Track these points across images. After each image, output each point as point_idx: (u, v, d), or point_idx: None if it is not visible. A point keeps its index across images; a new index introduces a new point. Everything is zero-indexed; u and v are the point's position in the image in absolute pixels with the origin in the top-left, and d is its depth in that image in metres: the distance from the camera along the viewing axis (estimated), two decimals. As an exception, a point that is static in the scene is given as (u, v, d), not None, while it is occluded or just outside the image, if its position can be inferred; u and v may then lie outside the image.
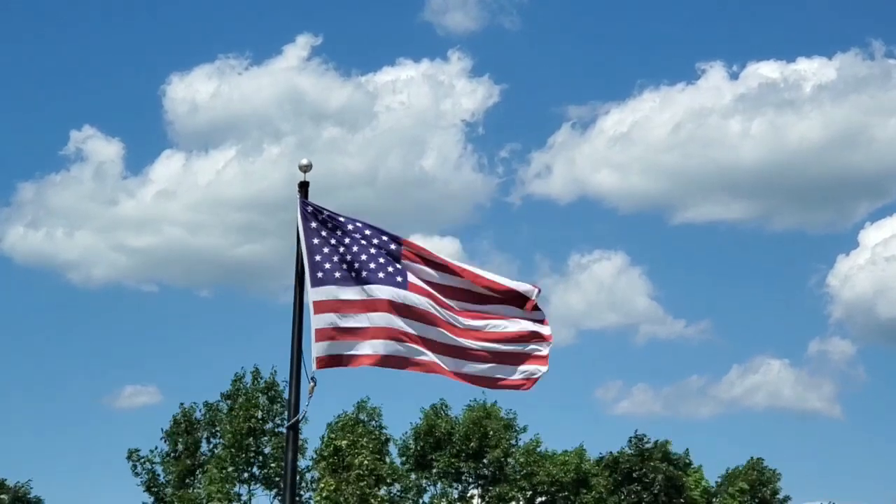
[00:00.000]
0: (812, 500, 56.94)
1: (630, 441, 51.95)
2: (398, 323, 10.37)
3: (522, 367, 10.69)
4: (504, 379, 10.69)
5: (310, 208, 10.64)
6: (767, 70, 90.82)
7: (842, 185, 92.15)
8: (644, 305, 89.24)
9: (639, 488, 49.31)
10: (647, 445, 51.41)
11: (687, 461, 51.72)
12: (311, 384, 10.06)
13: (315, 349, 10.17)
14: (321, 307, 10.27)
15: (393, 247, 10.58)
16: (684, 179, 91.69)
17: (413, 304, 10.42)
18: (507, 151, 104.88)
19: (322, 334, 10.22)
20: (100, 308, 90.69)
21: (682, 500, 49.22)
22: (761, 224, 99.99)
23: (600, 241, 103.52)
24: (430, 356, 10.41)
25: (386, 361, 10.39)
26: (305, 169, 10.83)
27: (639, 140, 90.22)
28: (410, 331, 10.38)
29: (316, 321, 10.23)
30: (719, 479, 53.65)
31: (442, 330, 10.44)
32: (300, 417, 10.22)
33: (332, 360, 10.25)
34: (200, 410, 47.01)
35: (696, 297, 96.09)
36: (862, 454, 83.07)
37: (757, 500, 53.31)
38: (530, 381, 10.76)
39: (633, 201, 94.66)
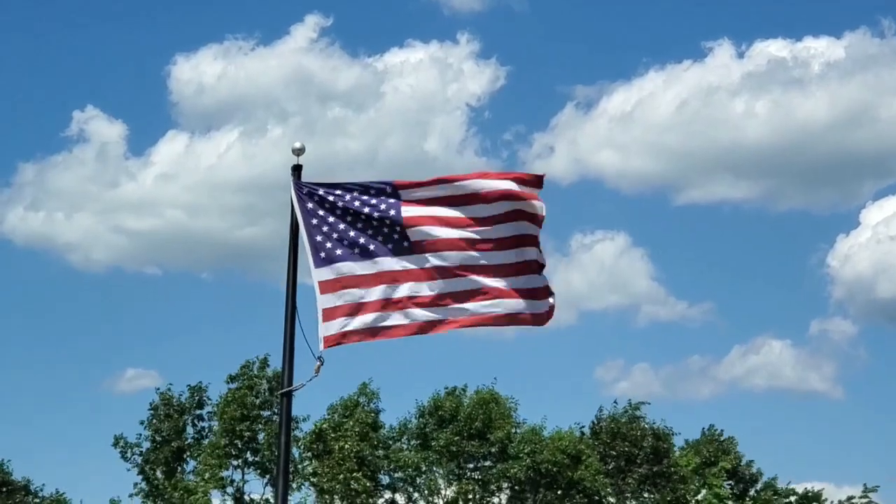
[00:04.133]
0: (811, 480, 56.87)
1: (625, 409, 51.54)
2: (406, 291, 10.40)
3: (536, 301, 10.60)
4: (522, 314, 10.58)
5: (304, 189, 10.70)
6: (775, 48, 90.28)
7: (848, 165, 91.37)
8: (646, 286, 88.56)
9: (628, 445, 49.50)
10: (638, 414, 51.43)
11: (668, 432, 51.67)
12: (318, 363, 10.15)
13: (322, 329, 10.25)
14: (326, 287, 10.36)
15: (392, 213, 10.54)
16: (688, 159, 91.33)
17: (422, 265, 10.45)
18: (511, 134, 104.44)
19: (328, 313, 10.30)
20: (101, 291, 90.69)
21: (667, 466, 49.09)
22: (765, 204, 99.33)
23: (602, 222, 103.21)
24: (442, 315, 10.42)
25: (394, 332, 10.42)
26: (299, 152, 10.89)
27: (642, 120, 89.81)
28: (423, 293, 10.40)
29: (322, 301, 10.32)
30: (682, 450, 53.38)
31: (459, 278, 10.44)
32: (296, 388, 10.30)
33: (340, 338, 10.31)
34: (184, 394, 47.07)
35: (699, 278, 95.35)
36: (863, 434, 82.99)
37: (733, 479, 53.30)
38: (546, 313, 10.63)
39: (635, 181, 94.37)
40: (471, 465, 48.88)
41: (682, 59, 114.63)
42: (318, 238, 10.51)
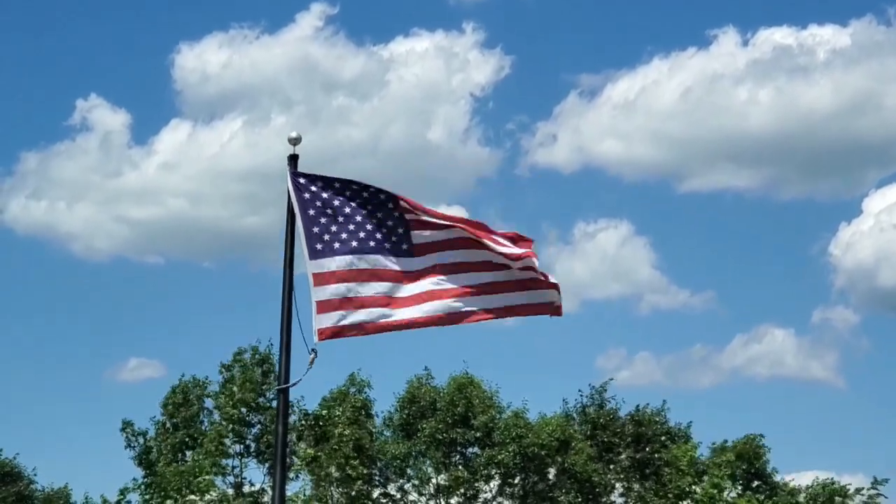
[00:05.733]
0: (812, 469, 56.76)
1: (592, 394, 50.90)
2: (403, 290, 10.43)
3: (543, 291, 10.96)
4: (531, 303, 10.92)
5: (302, 179, 10.61)
6: (780, 36, 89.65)
7: (851, 153, 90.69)
8: (648, 275, 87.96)
9: (609, 434, 49.45)
10: (608, 397, 50.82)
11: (686, 433, 51.41)
12: (312, 355, 10.11)
13: (316, 321, 10.20)
14: (321, 279, 10.30)
15: (397, 213, 10.59)
16: (691, 148, 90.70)
17: (421, 266, 10.50)
18: (514, 123, 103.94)
19: (323, 306, 10.25)
20: (103, 280, 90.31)
21: (651, 452, 49.13)
22: (768, 193, 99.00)
23: (605, 210, 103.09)
24: (442, 310, 10.51)
25: (387, 327, 10.43)
26: (295, 142, 10.83)
27: (646, 108, 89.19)
28: (418, 291, 10.44)
29: (316, 293, 10.25)
30: (709, 448, 53.01)
31: (459, 275, 10.56)
32: (293, 383, 10.30)
33: (334, 332, 10.28)
34: (198, 383, 47.25)
35: (701, 266, 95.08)
36: (864, 424, 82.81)
37: (750, 472, 53.07)
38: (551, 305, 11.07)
39: (638, 170, 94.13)
40: (457, 454, 48.72)
41: (687, 47, 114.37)
42: (315, 230, 10.42)
